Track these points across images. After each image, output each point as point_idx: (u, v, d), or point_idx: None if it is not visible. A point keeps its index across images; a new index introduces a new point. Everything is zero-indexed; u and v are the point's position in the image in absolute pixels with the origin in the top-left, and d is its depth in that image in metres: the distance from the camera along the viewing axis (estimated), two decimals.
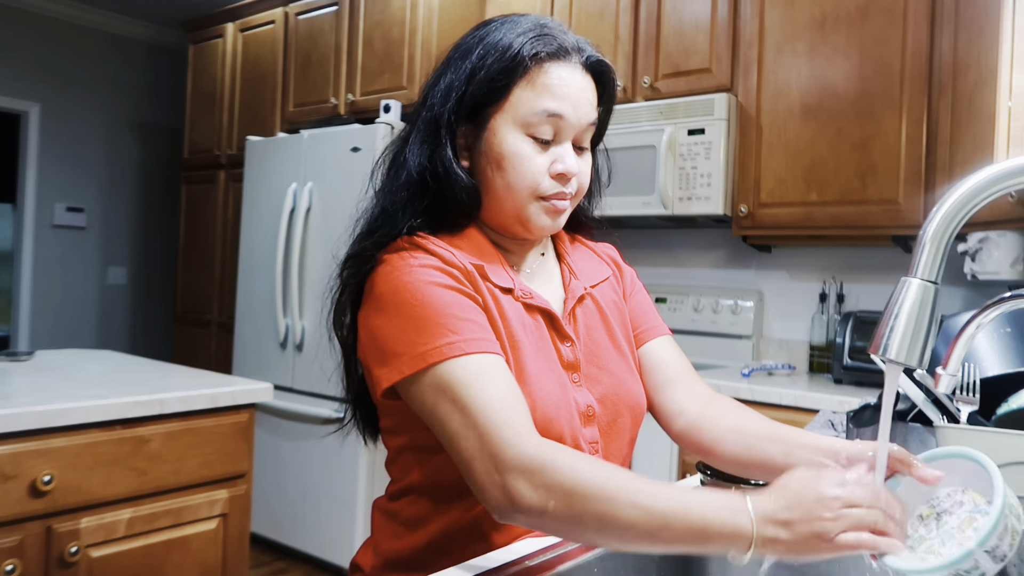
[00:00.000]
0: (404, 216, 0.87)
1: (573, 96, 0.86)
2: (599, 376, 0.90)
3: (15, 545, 1.38)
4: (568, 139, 0.87)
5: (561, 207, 0.88)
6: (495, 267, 0.88)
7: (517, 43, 0.85)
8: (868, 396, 1.85)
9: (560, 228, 0.92)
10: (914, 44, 2.14)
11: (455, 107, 0.86)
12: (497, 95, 0.85)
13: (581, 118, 0.87)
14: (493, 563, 0.74)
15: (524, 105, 0.85)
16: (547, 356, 0.86)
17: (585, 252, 1.05)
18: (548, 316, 0.89)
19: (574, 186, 0.89)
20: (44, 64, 4.67)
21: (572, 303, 0.92)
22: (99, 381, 1.72)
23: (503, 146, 0.85)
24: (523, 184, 0.85)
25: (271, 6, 3.76)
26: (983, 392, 0.99)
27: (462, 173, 0.86)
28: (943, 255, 0.68)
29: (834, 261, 2.58)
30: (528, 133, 0.85)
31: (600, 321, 0.95)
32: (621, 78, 2.68)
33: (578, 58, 0.87)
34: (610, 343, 0.94)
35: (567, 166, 0.86)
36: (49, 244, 4.73)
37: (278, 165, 3.30)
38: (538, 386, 0.82)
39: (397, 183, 0.89)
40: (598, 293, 0.98)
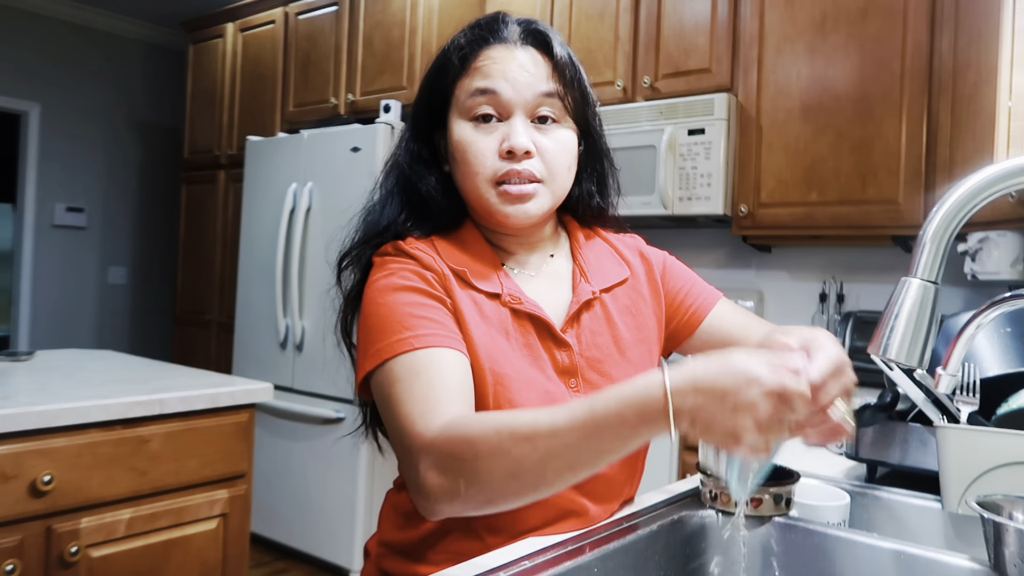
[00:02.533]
0: (394, 220, 0.90)
1: (506, 71, 0.84)
2: (601, 383, 0.87)
3: (15, 545, 1.38)
4: (516, 114, 0.85)
5: (517, 191, 0.84)
6: (484, 270, 0.87)
7: (450, 43, 0.88)
8: (868, 396, 1.85)
9: (533, 216, 0.87)
10: (914, 44, 2.14)
11: (416, 115, 0.92)
12: (444, 96, 0.88)
13: (522, 90, 0.84)
14: (493, 563, 0.74)
15: (462, 92, 0.86)
16: (534, 362, 0.84)
17: (603, 249, 0.99)
18: (540, 322, 0.86)
19: (537, 167, 0.85)
20: (44, 64, 4.67)
21: (575, 307, 0.89)
22: (99, 381, 1.72)
23: (453, 138, 0.86)
24: (472, 170, 0.85)
25: (271, 6, 3.76)
26: (983, 392, 0.99)
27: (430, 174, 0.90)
28: (943, 255, 0.68)
29: (834, 261, 2.58)
30: (469, 118, 0.85)
31: (607, 327, 0.91)
32: (621, 78, 2.68)
33: (513, 36, 0.87)
34: (615, 350, 0.90)
35: (513, 141, 0.83)
36: (49, 244, 4.73)
37: (278, 165, 3.30)
38: (517, 392, 0.80)
39: (386, 189, 0.93)
40: (610, 297, 0.93)
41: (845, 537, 0.82)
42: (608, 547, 0.79)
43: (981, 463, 0.88)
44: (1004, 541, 0.70)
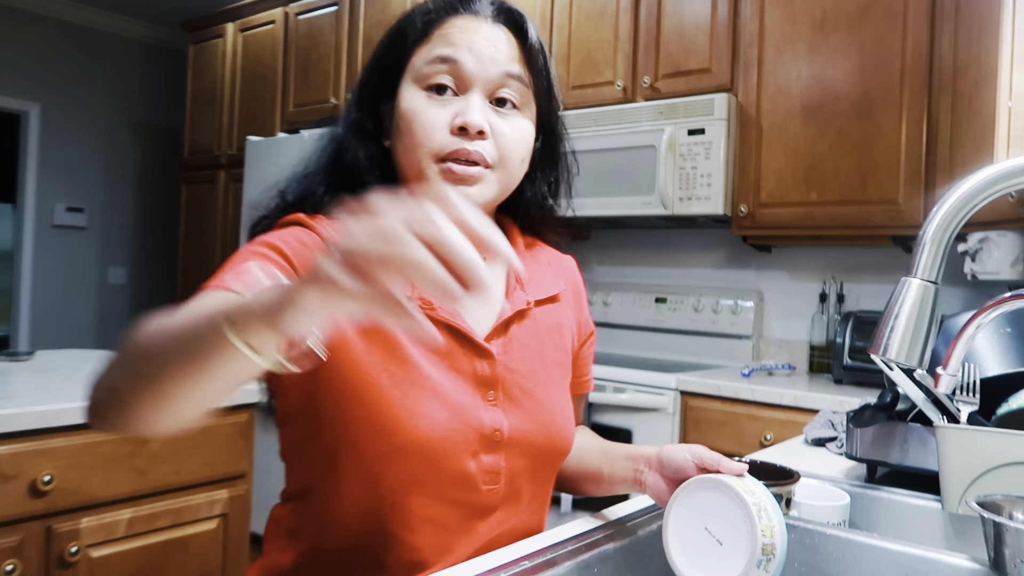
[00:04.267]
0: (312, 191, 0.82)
1: (471, 42, 0.78)
2: (520, 399, 0.81)
3: (15, 545, 1.38)
4: (475, 90, 0.78)
5: (461, 172, 0.76)
6: None
7: (416, 8, 0.82)
8: (868, 396, 1.85)
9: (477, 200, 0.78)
10: (914, 44, 2.14)
11: (364, 82, 0.84)
12: (399, 61, 0.80)
13: (486, 65, 0.77)
14: (493, 563, 0.74)
15: (420, 59, 0.79)
16: (448, 371, 0.77)
17: (540, 260, 0.93)
18: (455, 331, 0.78)
19: (488, 150, 0.77)
20: (44, 64, 4.67)
21: (508, 314, 0.82)
22: None
23: (401, 106, 0.79)
24: (416, 141, 0.76)
25: (271, 6, 3.76)
26: (983, 392, 0.99)
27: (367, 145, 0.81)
28: (943, 255, 0.68)
29: (834, 261, 2.58)
30: (424, 87, 0.78)
31: (535, 340, 0.85)
32: (621, 78, 2.68)
33: (486, 11, 0.80)
34: (540, 366, 0.84)
35: (468, 117, 0.75)
36: (49, 244, 4.73)
37: (278, 165, 3.29)
38: (423, 402, 0.73)
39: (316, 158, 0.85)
40: (540, 311, 0.87)
41: (845, 537, 0.82)
42: (608, 547, 0.79)
43: (981, 463, 0.88)
44: (1004, 541, 0.70)
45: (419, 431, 0.73)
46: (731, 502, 0.67)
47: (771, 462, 0.89)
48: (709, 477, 0.71)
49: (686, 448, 0.78)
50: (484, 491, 0.77)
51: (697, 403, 2.20)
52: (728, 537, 0.67)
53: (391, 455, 0.73)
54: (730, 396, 2.15)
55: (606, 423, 2.32)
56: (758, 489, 0.69)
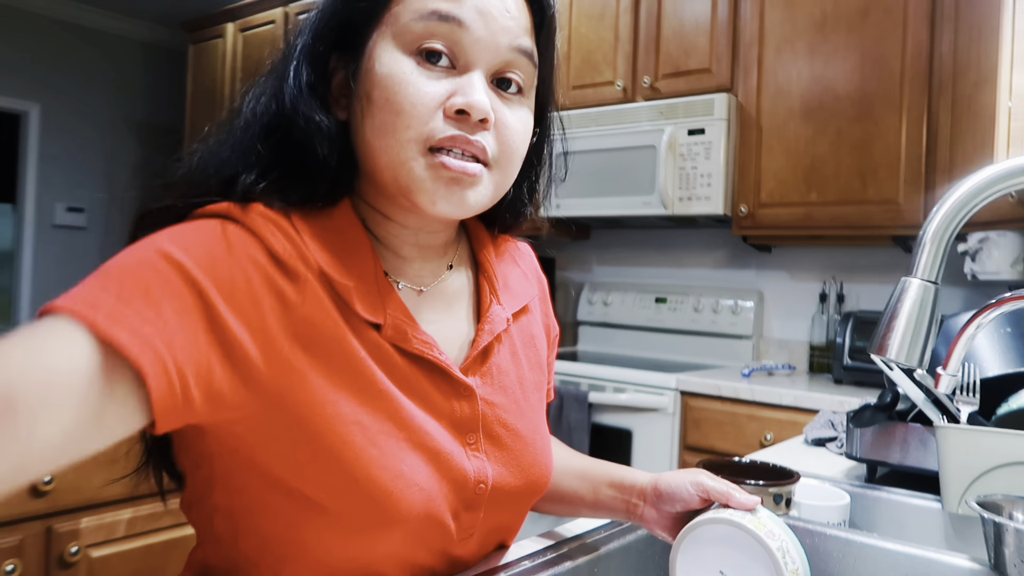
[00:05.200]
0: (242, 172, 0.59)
1: (481, 5, 0.58)
2: (503, 439, 0.67)
3: (15, 545, 1.38)
4: (478, 66, 0.59)
5: (457, 167, 0.57)
6: (362, 283, 0.59)
7: None
8: (868, 396, 1.85)
9: (470, 210, 0.61)
10: (914, 44, 2.14)
11: (318, 27, 0.61)
12: (373, 6, 0.59)
13: (495, 33, 0.58)
14: (493, 563, 0.74)
15: (408, 10, 0.58)
16: (427, 418, 0.61)
17: (507, 262, 0.76)
18: (431, 366, 0.62)
19: (490, 143, 0.59)
20: (44, 64, 4.67)
21: (488, 339, 0.67)
22: None
23: (376, 70, 0.58)
24: (402, 122, 0.57)
25: (271, 6, 3.76)
26: (983, 392, 0.99)
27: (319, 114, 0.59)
28: (943, 255, 0.68)
29: (834, 261, 2.58)
30: (413, 50, 0.58)
31: (512, 363, 0.70)
32: (621, 78, 2.68)
33: None
34: (520, 393, 0.70)
35: (470, 99, 0.57)
36: (49, 244, 4.73)
37: None
38: (399, 458, 0.58)
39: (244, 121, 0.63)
40: (516, 326, 0.73)
41: (845, 537, 0.82)
42: (608, 547, 0.79)
43: (981, 463, 0.88)
44: (1004, 541, 0.70)
45: (404, 499, 0.57)
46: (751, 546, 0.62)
47: (771, 462, 0.89)
48: (722, 517, 0.64)
49: (687, 479, 0.69)
50: (458, 543, 0.65)
51: (697, 403, 2.20)
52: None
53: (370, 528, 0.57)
54: (730, 396, 2.15)
55: (606, 423, 2.33)
56: (777, 529, 0.63)
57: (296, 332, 0.55)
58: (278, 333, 0.54)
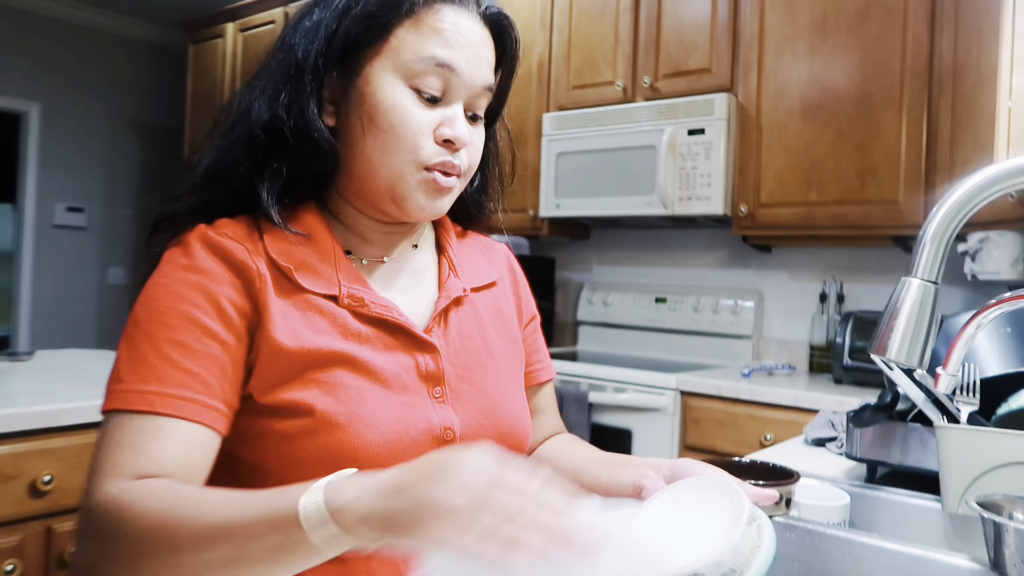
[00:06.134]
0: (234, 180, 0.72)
1: (468, 47, 0.72)
2: (469, 394, 0.75)
3: (15, 545, 1.38)
4: (459, 100, 0.73)
5: (445, 184, 0.72)
6: (322, 265, 0.71)
7: None
8: (868, 396, 1.85)
9: (442, 213, 0.76)
10: (914, 44, 2.14)
11: (323, 47, 0.71)
12: (376, 34, 0.70)
13: (475, 76, 0.73)
14: None
15: (408, 49, 0.70)
16: (390, 369, 0.70)
17: (473, 248, 0.88)
18: (391, 325, 0.72)
19: (464, 160, 0.74)
20: (44, 64, 4.66)
21: (445, 303, 0.77)
22: (99, 381, 1.72)
23: (379, 96, 0.70)
24: (401, 145, 0.70)
25: (271, 6, 3.76)
26: (983, 392, 0.99)
27: (324, 129, 0.71)
28: (943, 255, 0.68)
29: (834, 261, 2.58)
30: (412, 85, 0.71)
31: (477, 328, 0.80)
32: (621, 78, 2.68)
33: (474, 7, 0.75)
34: (487, 356, 0.79)
35: (456, 131, 0.71)
36: (49, 244, 4.73)
37: None
38: (363, 406, 0.67)
39: (233, 137, 0.73)
40: (479, 298, 0.83)
41: (845, 537, 0.82)
42: None
43: (981, 463, 0.88)
44: (1004, 541, 0.70)
45: (361, 437, 0.66)
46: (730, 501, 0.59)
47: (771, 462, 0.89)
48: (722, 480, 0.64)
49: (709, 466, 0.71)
50: None
51: (697, 403, 2.20)
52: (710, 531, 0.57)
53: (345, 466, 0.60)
54: (730, 396, 2.15)
55: (606, 423, 2.33)
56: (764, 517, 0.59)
57: (265, 307, 0.68)
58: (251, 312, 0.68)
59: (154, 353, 0.64)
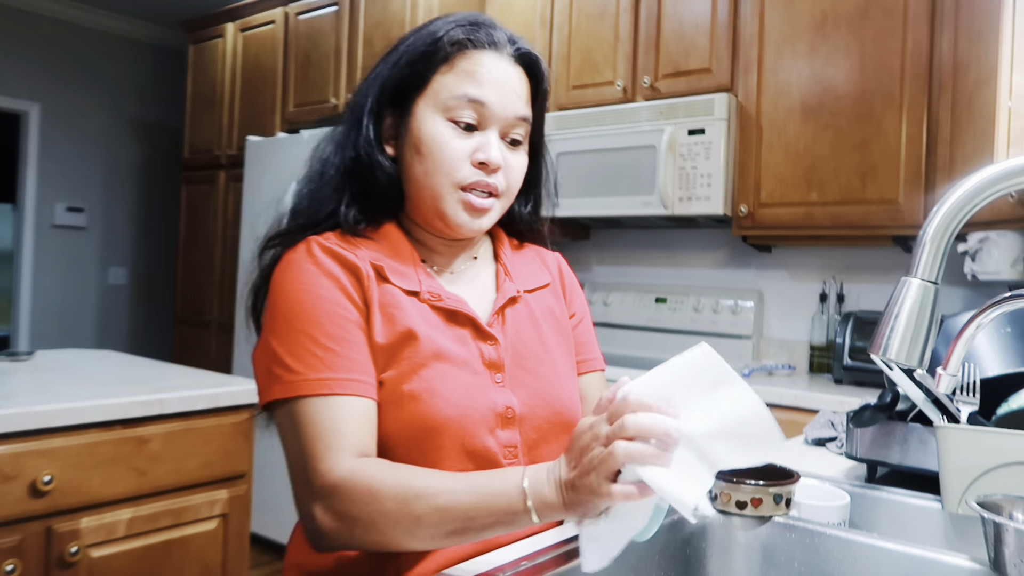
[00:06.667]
0: (328, 205, 0.87)
1: (497, 83, 0.84)
2: (525, 379, 0.88)
3: (15, 545, 1.38)
4: (493, 128, 0.85)
5: (481, 204, 0.85)
6: (404, 267, 0.86)
7: (442, 30, 0.85)
8: (868, 396, 1.85)
9: (483, 229, 0.88)
10: (914, 44, 2.14)
11: (378, 92, 0.87)
12: (419, 80, 0.85)
13: (507, 108, 0.85)
14: (493, 563, 0.74)
15: (445, 90, 0.84)
16: (461, 356, 0.84)
17: (527, 257, 1.01)
18: (463, 317, 0.86)
19: (500, 182, 0.86)
20: (44, 64, 4.66)
21: (501, 302, 0.90)
22: (99, 381, 1.72)
23: (423, 130, 0.84)
24: (440, 169, 0.83)
25: (271, 6, 3.76)
26: (983, 392, 0.99)
27: (383, 158, 0.87)
28: (943, 255, 0.68)
29: (834, 261, 2.58)
30: (449, 118, 0.84)
31: (531, 323, 0.93)
32: (621, 78, 2.68)
33: (507, 49, 0.86)
34: (540, 347, 0.92)
35: (489, 155, 0.84)
36: (49, 244, 4.73)
37: (278, 165, 3.30)
38: (441, 384, 0.80)
39: (323, 171, 0.89)
40: (533, 298, 0.95)
41: (845, 537, 0.82)
42: None
43: (981, 463, 0.88)
44: (1004, 541, 0.70)
45: (440, 411, 0.79)
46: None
47: (771, 462, 0.89)
48: None
49: None
50: (506, 464, 0.83)
51: None
52: None
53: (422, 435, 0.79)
54: None
55: None
56: None
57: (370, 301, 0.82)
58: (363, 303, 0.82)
59: (317, 347, 0.77)
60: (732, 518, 0.87)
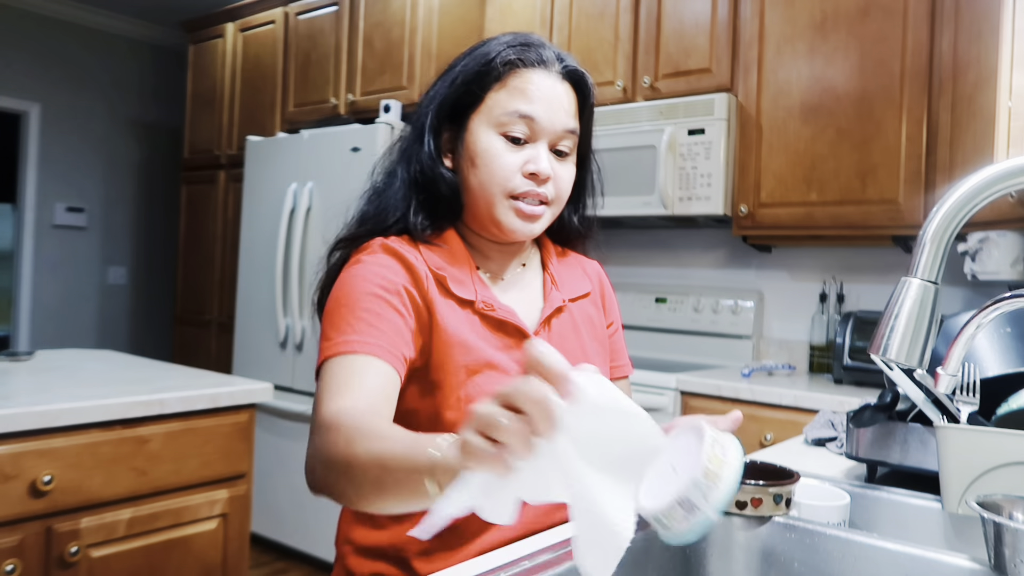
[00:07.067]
0: (394, 213, 0.94)
1: (546, 100, 0.90)
2: None
3: (15, 545, 1.38)
4: (543, 141, 0.91)
5: (531, 211, 0.91)
6: (463, 276, 0.93)
7: (495, 51, 0.91)
8: (868, 396, 1.85)
9: (535, 234, 0.95)
10: (914, 44, 2.14)
11: (437, 109, 0.94)
12: (474, 98, 0.92)
13: (555, 122, 0.91)
14: (493, 563, 0.74)
15: (498, 107, 0.90)
16: (506, 363, 0.90)
17: (571, 264, 1.08)
18: (511, 327, 0.93)
19: (550, 191, 0.92)
20: (44, 64, 4.66)
21: (548, 311, 0.97)
22: (99, 381, 1.72)
23: (477, 144, 0.91)
24: (494, 180, 0.90)
25: (271, 6, 3.76)
26: (983, 392, 0.99)
27: (443, 170, 0.93)
28: (943, 255, 0.68)
29: (834, 261, 2.58)
30: (501, 132, 0.90)
31: (573, 332, 1.00)
32: (621, 78, 2.68)
33: (556, 67, 0.92)
34: (580, 353, 0.98)
35: (539, 166, 0.90)
36: (49, 244, 4.73)
37: (278, 165, 3.30)
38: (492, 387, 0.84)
39: (389, 183, 0.97)
40: (575, 307, 1.02)
41: (845, 537, 0.82)
42: None
43: (981, 463, 0.88)
44: (1004, 541, 0.70)
45: None
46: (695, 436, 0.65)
47: (771, 462, 0.89)
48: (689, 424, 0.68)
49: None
50: None
51: (697, 403, 2.20)
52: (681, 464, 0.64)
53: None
54: (730, 396, 2.15)
55: None
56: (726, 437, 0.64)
57: (428, 303, 0.89)
58: (420, 304, 0.89)
59: (353, 318, 0.84)
60: (732, 518, 0.87)
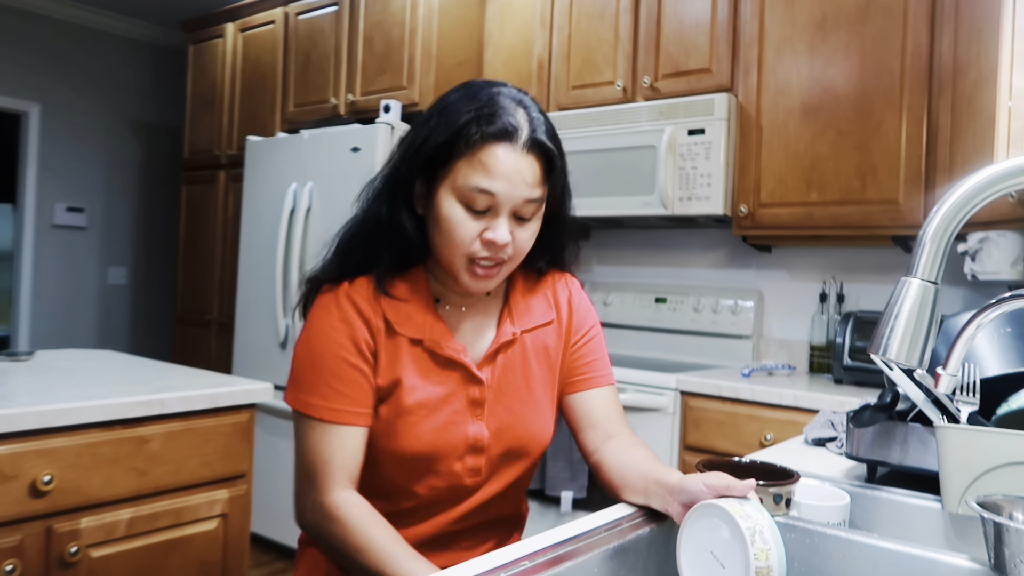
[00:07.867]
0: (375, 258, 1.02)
1: (508, 176, 0.94)
2: (500, 413, 1.04)
3: (15, 545, 1.38)
4: (504, 212, 0.95)
5: (486, 273, 0.98)
6: (417, 314, 1.02)
7: (464, 120, 0.95)
8: (868, 396, 1.85)
9: (490, 288, 1.01)
10: (914, 44, 2.14)
11: (410, 164, 0.99)
12: (443, 162, 0.96)
13: (515, 195, 0.94)
14: (493, 563, 0.74)
15: (462, 177, 0.94)
16: (446, 395, 1.01)
17: (538, 293, 1.12)
18: (457, 364, 1.01)
19: (508, 253, 0.98)
20: (44, 64, 4.67)
21: (495, 346, 1.04)
22: (99, 381, 1.72)
23: (441, 209, 0.96)
24: (453, 244, 0.96)
25: (271, 6, 3.76)
26: (983, 392, 0.99)
27: (413, 223, 1.01)
28: (943, 255, 0.68)
29: (834, 261, 2.58)
30: (463, 202, 0.95)
31: (520, 364, 1.06)
32: (621, 78, 2.68)
33: (523, 137, 0.95)
34: (523, 384, 1.06)
35: (496, 236, 0.95)
36: (49, 244, 4.73)
37: (278, 165, 3.30)
38: (419, 426, 1.00)
39: (364, 219, 1.04)
40: (530, 337, 1.08)
41: (845, 537, 0.82)
42: (608, 547, 0.79)
43: (981, 463, 0.88)
44: (1004, 541, 0.70)
45: (410, 446, 1.00)
46: (728, 527, 0.70)
47: (771, 462, 0.89)
48: (712, 503, 0.73)
49: (702, 477, 0.81)
50: (468, 481, 1.04)
51: (697, 403, 2.20)
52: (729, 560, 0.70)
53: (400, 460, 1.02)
54: (730, 396, 2.15)
55: None
56: (755, 513, 0.70)
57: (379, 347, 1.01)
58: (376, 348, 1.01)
59: (321, 382, 0.98)
60: None
